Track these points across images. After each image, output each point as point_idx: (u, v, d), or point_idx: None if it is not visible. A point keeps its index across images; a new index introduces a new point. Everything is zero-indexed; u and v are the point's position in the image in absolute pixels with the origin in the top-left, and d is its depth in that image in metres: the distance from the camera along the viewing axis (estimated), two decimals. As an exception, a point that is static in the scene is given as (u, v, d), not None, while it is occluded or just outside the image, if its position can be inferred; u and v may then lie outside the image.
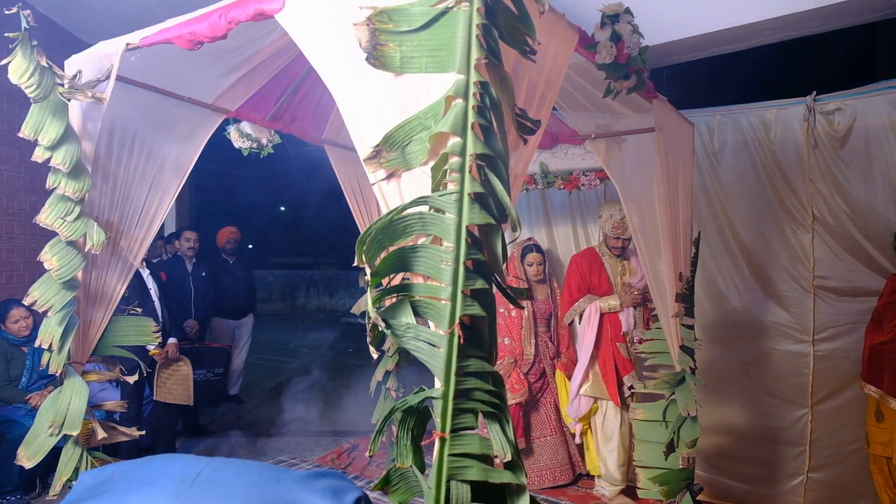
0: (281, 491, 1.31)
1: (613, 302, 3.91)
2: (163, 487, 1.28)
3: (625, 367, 3.86)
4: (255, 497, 1.28)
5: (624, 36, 2.16)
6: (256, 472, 1.37)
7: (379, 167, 1.55)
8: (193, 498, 1.26)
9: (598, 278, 4.01)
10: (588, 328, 3.98)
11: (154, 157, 2.67)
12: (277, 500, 1.28)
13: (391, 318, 1.48)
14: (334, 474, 1.42)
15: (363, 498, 1.35)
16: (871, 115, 3.54)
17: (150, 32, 2.18)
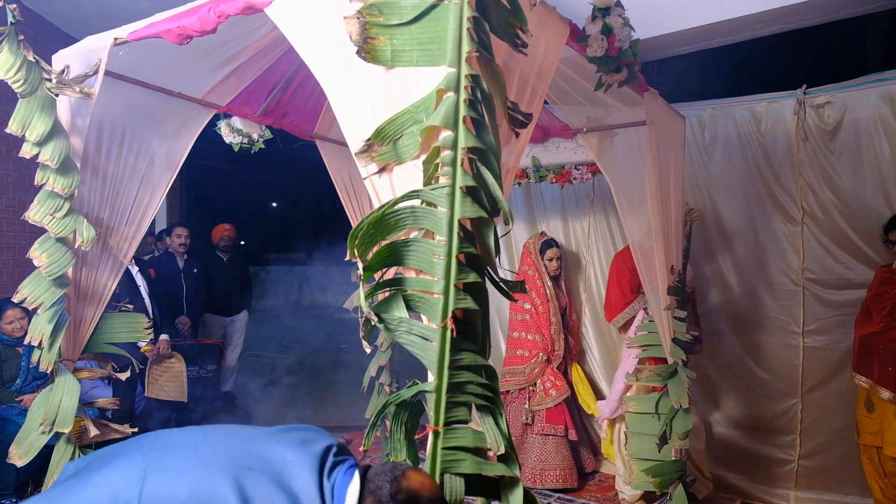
0: (250, 446, 1.33)
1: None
2: (131, 458, 1.30)
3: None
4: (222, 454, 1.30)
5: (615, 29, 2.16)
6: (227, 432, 1.41)
7: (370, 161, 1.55)
8: (157, 461, 1.28)
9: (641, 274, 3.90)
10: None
11: (144, 153, 2.65)
12: (245, 454, 1.30)
13: (384, 313, 1.48)
14: (308, 428, 1.44)
15: (334, 446, 1.37)
16: (861, 107, 3.56)
17: (138, 27, 2.16)
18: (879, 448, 3.12)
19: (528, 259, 4.27)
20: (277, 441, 1.35)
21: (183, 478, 1.25)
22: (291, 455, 1.31)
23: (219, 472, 1.25)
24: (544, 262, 4.22)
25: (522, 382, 4.08)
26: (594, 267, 4.55)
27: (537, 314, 4.13)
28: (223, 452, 1.31)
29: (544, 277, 4.21)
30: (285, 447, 1.33)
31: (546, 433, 3.96)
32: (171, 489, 1.23)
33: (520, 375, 4.10)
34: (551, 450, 3.95)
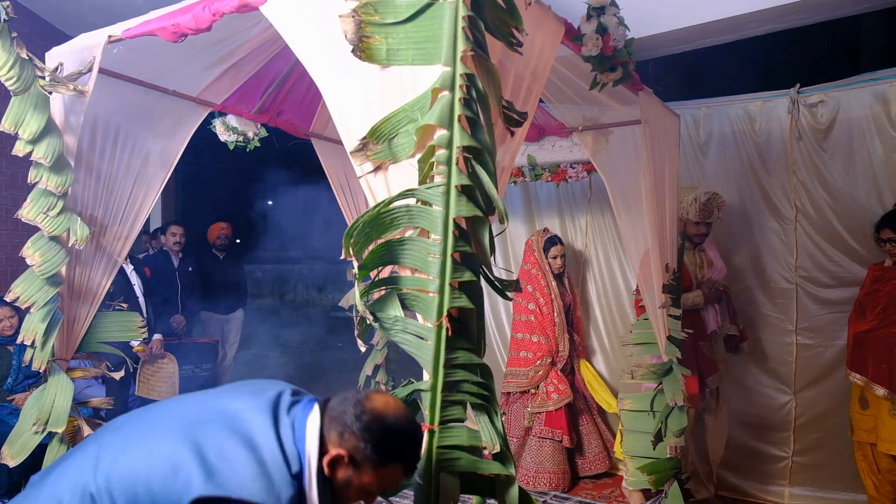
0: (201, 405, 1.31)
1: (696, 299, 3.50)
2: (85, 446, 1.29)
3: (709, 368, 3.53)
4: (172, 417, 1.28)
5: (610, 28, 2.17)
6: (178, 399, 1.39)
7: (366, 160, 1.55)
8: (109, 440, 1.26)
9: (681, 271, 3.57)
10: None
11: (138, 151, 2.64)
12: (196, 412, 1.28)
13: (379, 312, 1.48)
14: (261, 381, 1.41)
15: (288, 390, 1.34)
16: (854, 107, 3.58)
17: (132, 24, 2.15)
18: (873, 445, 3.13)
19: (531, 257, 4.17)
20: (229, 395, 1.34)
21: (135, 447, 1.22)
22: (242, 403, 1.27)
23: (169, 432, 1.22)
24: (548, 260, 4.12)
25: (524, 385, 4.00)
26: (593, 265, 4.55)
27: (541, 314, 4.03)
28: (174, 416, 1.28)
29: (548, 276, 4.11)
30: (236, 398, 1.30)
31: (543, 436, 3.91)
32: (125, 461, 1.19)
33: (522, 378, 4.01)
34: (547, 454, 3.90)
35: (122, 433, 1.28)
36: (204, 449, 1.17)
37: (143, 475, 1.16)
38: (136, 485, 1.16)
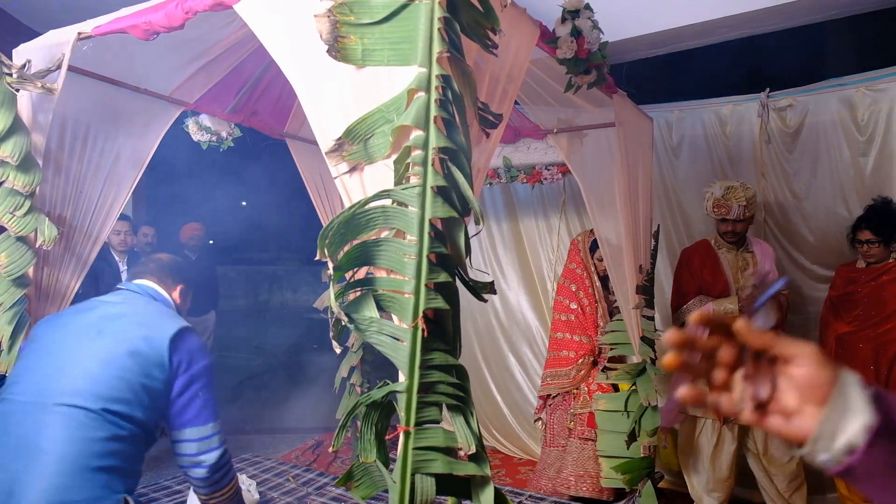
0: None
1: (730, 305, 3.24)
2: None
3: None
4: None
5: (584, 31, 2.19)
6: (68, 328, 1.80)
7: (341, 160, 1.54)
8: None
9: (713, 275, 3.36)
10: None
11: (109, 150, 2.59)
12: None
13: (354, 313, 1.48)
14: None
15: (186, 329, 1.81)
16: (822, 111, 3.67)
17: (103, 21, 2.12)
18: None
19: (577, 257, 3.95)
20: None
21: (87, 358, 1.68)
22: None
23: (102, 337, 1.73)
24: (594, 261, 3.88)
25: (566, 385, 3.79)
26: (564, 266, 4.59)
27: (584, 315, 3.83)
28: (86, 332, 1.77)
29: (593, 277, 3.88)
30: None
31: (586, 437, 3.66)
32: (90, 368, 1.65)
33: (563, 378, 3.82)
34: (589, 456, 3.60)
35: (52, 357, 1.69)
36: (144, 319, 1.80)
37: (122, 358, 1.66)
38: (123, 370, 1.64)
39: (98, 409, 1.56)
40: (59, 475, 1.46)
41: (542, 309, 4.70)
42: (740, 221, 3.24)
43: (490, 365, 4.86)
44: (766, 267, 3.31)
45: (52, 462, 1.47)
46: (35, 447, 1.49)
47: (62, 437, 1.50)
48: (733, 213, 3.19)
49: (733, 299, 3.23)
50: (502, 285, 4.79)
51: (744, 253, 3.38)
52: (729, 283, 3.32)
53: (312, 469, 3.84)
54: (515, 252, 4.81)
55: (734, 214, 3.20)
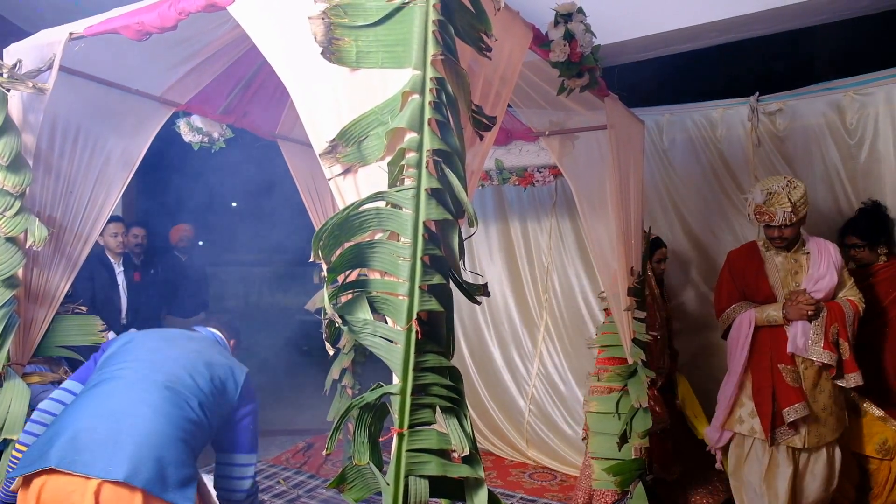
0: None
1: (774, 313, 3.00)
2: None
3: (787, 396, 2.92)
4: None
5: (577, 35, 2.20)
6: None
7: (335, 162, 1.54)
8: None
9: (756, 280, 3.11)
10: (737, 345, 3.09)
11: (99, 151, 2.58)
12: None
13: (348, 315, 1.48)
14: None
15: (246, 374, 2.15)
16: (811, 115, 3.71)
17: (95, 21, 2.11)
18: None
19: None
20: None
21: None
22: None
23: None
24: (652, 265, 3.53)
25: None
26: (556, 268, 4.60)
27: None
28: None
29: (650, 282, 3.49)
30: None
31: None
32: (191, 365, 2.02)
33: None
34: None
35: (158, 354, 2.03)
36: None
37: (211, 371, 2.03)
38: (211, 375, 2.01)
39: (186, 394, 1.90)
40: (156, 434, 1.76)
41: (529, 311, 4.71)
42: (788, 226, 2.95)
43: (479, 366, 4.87)
44: (821, 270, 3.00)
45: (151, 422, 1.78)
46: (140, 410, 1.81)
47: (161, 406, 1.83)
48: (778, 219, 2.90)
49: (777, 306, 3.00)
50: (493, 288, 4.79)
51: (797, 255, 3.08)
52: (774, 288, 3.07)
53: (303, 471, 3.84)
54: (505, 254, 4.82)
55: (779, 221, 2.91)
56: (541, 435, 4.53)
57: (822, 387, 2.98)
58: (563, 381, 4.49)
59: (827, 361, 2.91)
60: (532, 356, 4.66)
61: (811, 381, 2.97)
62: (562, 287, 4.55)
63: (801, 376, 2.96)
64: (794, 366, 2.97)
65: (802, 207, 2.92)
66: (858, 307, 3.00)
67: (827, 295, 2.97)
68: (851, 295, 3.03)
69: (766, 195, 2.93)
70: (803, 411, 2.88)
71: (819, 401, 2.97)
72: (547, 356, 4.58)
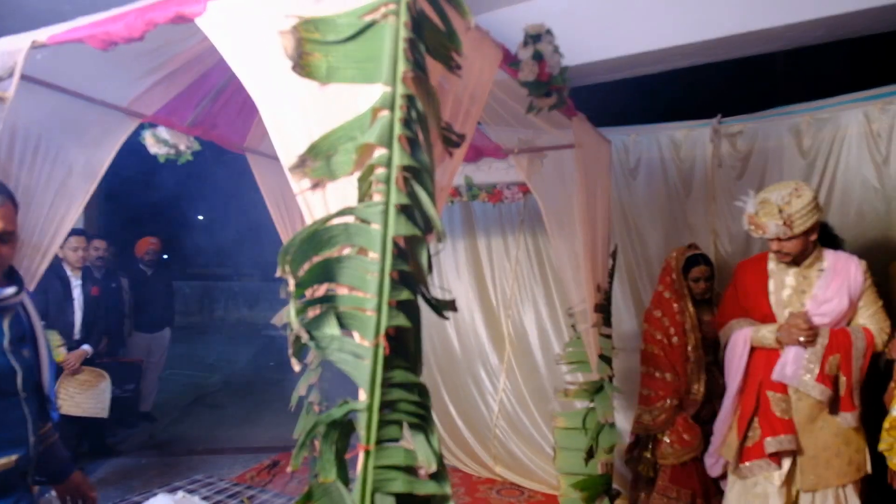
0: None
1: (767, 334, 2.72)
2: None
3: (773, 426, 2.66)
4: None
5: (545, 55, 2.24)
6: None
7: (304, 176, 1.53)
8: None
9: (756, 295, 2.84)
10: (732, 365, 2.86)
11: (61, 162, 2.52)
12: None
13: (315, 330, 1.46)
14: None
15: None
16: (770, 137, 3.83)
17: (59, 30, 2.07)
18: None
19: (667, 278, 3.48)
20: None
21: None
22: None
23: None
24: (689, 283, 3.44)
25: (652, 429, 3.36)
26: (525, 285, 4.64)
27: (670, 346, 3.35)
28: None
29: (685, 301, 3.40)
30: None
31: (667, 494, 3.29)
32: None
33: (647, 418, 3.39)
34: None
35: None
36: None
37: None
38: None
39: None
40: None
41: (497, 327, 4.73)
42: (790, 239, 2.60)
43: (447, 382, 4.86)
44: (829, 292, 2.63)
45: None
46: None
47: None
48: (771, 233, 2.59)
49: (773, 327, 2.71)
50: (460, 304, 4.80)
51: (808, 271, 2.72)
52: (774, 307, 2.77)
53: (268, 490, 3.76)
54: (472, 270, 4.84)
55: (773, 234, 2.59)
56: (507, 451, 4.53)
57: (824, 423, 2.62)
58: (530, 397, 4.50)
59: (816, 396, 2.58)
60: (498, 372, 4.67)
61: (806, 415, 2.64)
62: (529, 303, 4.58)
63: (793, 407, 2.65)
64: (786, 394, 2.67)
65: (805, 220, 2.54)
66: (875, 339, 2.60)
67: (834, 321, 2.64)
68: (872, 323, 2.64)
69: (759, 204, 2.63)
70: (787, 445, 2.60)
71: (819, 438, 2.61)
72: (513, 372, 4.59)
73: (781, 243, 2.62)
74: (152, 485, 4.24)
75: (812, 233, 2.61)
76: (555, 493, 3.82)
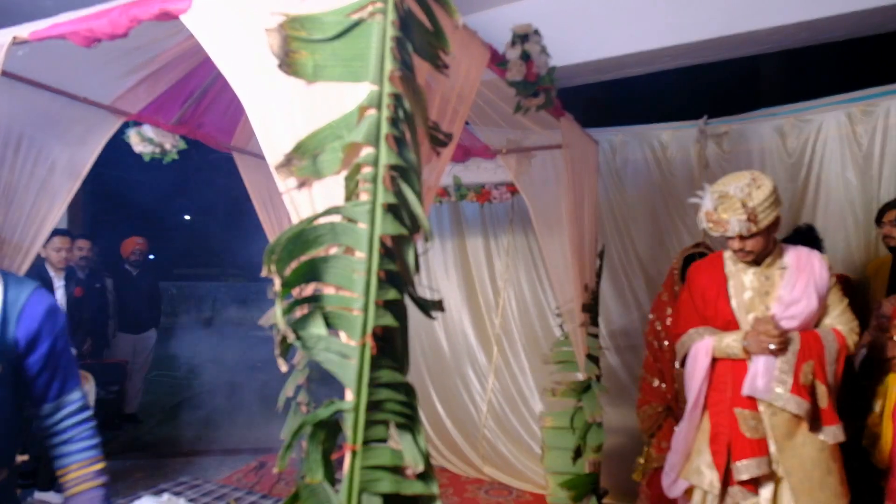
0: None
1: (733, 343, 2.37)
2: None
3: (741, 448, 2.30)
4: None
5: (533, 55, 2.24)
6: None
7: (290, 175, 1.52)
8: None
9: (716, 300, 2.48)
10: (693, 379, 2.47)
11: (43, 160, 2.49)
12: None
13: (301, 330, 1.45)
14: None
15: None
16: (755, 138, 3.86)
17: (40, 26, 2.04)
18: None
19: (668, 281, 3.30)
20: None
21: None
22: None
23: None
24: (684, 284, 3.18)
25: (643, 430, 3.29)
26: (513, 284, 4.64)
27: (660, 352, 3.22)
28: None
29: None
30: None
31: (645, 500, 3.27)
32: None
33: (642, 423, 3.31)
34: None
35: None
36: None
37: None
38: None
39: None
40: None
41: (484, 328, 4.73)
42: (753, 236, 2.30)
43: (435, 382, 4.86)
44: (796, 291, 2.35)
45: None
46: None
47: None
48: (733, 230, 2.28)
49: (738, 335, 2.37)
50: (448, 303, 4.80)
51: (769, 270, 2.42)
52: (736, 312, 2.43)
53: (255, 491, 3.74)
54: (461, 270, 4.84)
55: (734, 231, 2.28)
56: (496, 451, 4.53)
57: (805, 438, 2.29)
58: (518, 397, 4.51)
59: (793, 410, 2.25)
60: (487, 372, 4.67)
61: (783, 432, 2.29)
62: (517, 303, 4.59)
63: (765, 424, 2.30)
64: (756, 410, 2.32)
65: (768, 213, 2.28)
66: (846, 340, 2.34)
67: (804, 323, 2.34)
68: (840, 323, 2.38)
69: (717, 199, 2.32)
70: (758, 469, 2.25)
71: (801, 456, 2.28)
72: (501, 372, 4.59)
73: (744, 241, 2.32)
74: (137, 487, 4.20)
75: (774, 228, 2.36)
76: (543, 493, 3.82)
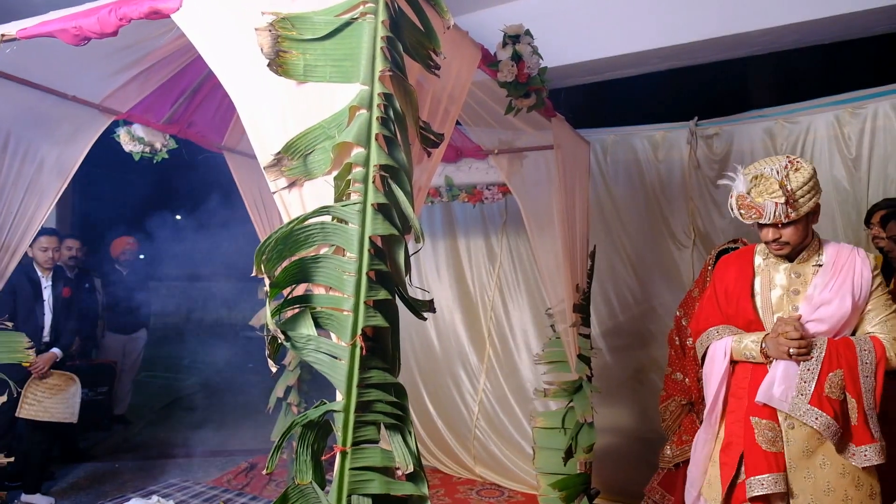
0: None
1: (751, 345, 2.12)
2: None
3: (755, 462, 2.05)
4: None
5: (524, 56, 2.25)
6: None
7: (280, 175, 1.52)
8: None
9: (739, 297, 2.23)
10: (711, 382, 2.23)
11: (31, 159, 2.48)
12: None
13: (291, 331, 1.45)
14: None
15: None
16: (745, 140, 3.88)
17: (29, 24, 2.02)
18: None
19: (701, 278, 3.09)
20: None
21: None
22: None
23: None
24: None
25: (665, 428, 3.17)
26: (507, 284, 4.64)
27: (681, 348, 3.11)
28: None
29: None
30: None
31: (651, 497, 3.17)
32: None
33: (662, 419, 3.19)
34: None
35: None
36: None
37: None
38: None
39: None
40: None
41: (477, 328, 4.73)
42: (790, 224, 2.04)
43: (427, 383, 4.85)
44: (828, 292, 2.08)
45: None
46: None
47: None
48: (768, 215, 2.01)
49: (759, 336, 2.12)
50: (440, 304, 4.80)
51: (803, 267, 2.16)
52: (760, 312, 2.19)
53: (245, 493, 3.72)
54: (453, 270, 4.84)
55: (770, 218, 2.02)
56: (487, 452, 4.53)
57: (825, 458, 2.03)
58: (510, 397, 4.51)
59: (810, 424, 1.99)
60: (478, 372, 4.67)
61: (800, 447, 2.04)
62: (509, 303, 4.59)
63: (782, 437, 2.05)
64: (774, 421, 2.06)
65: (808, 198, 2.01)
66: (888, 352, 2.03)
67: (834, 328, 2.07)
68: (883, 331, 2.07)
69: (751, 182, 2.05)
70: (774, 486, 2.00)
71: (817, 477, 2.02)
72: (493, 372, 4.60)
73: (779, 230, 2.06)
74: (126, 489, 4.17)
75: (814, 217, 2.11)
76: (534, 493, 3.82)
